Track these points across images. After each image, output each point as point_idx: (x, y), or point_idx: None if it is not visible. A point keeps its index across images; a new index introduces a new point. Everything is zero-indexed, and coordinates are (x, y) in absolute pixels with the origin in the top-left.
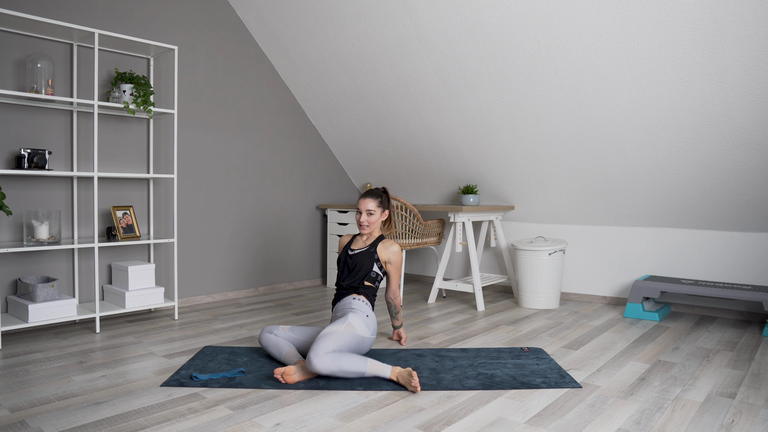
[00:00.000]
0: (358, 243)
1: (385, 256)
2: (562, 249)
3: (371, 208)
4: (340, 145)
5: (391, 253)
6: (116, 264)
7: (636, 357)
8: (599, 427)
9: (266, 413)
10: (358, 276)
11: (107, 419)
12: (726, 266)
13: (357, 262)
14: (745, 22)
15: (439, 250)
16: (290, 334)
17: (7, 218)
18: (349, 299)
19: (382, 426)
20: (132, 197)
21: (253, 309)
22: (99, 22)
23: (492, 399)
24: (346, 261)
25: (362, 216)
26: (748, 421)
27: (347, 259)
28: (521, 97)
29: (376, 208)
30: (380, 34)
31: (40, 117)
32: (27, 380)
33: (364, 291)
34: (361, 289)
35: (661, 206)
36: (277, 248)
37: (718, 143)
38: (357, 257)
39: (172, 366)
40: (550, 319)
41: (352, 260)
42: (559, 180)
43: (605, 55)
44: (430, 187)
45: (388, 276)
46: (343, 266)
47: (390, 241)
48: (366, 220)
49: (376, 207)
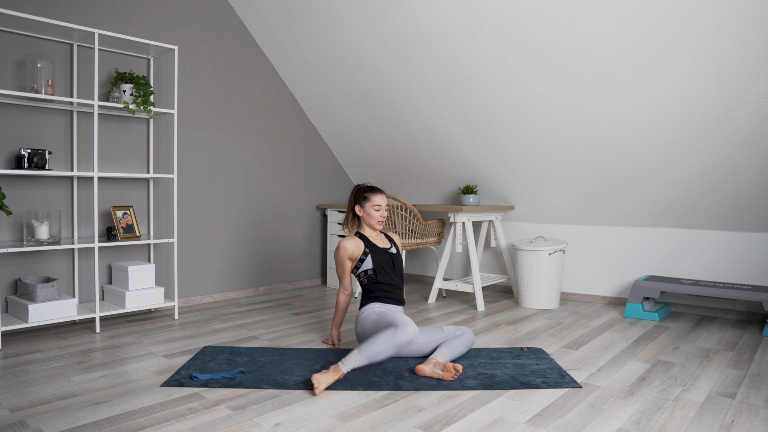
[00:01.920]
0: (379, 241)
1: (399, 246)
2: (562, 249)
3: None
4: (340, 145)
5: (400, 243)
6: (116, 264)
7: (636, 357)
8: (599, 427)
9: (266, 413)
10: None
11: (107, 419)
12: (726, 266)
13: (399, 260)
14: (745, 22)
15: (439, 250)
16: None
17: (7, 218)
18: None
19: (382, 426)
20: (132, 197)
21: (253, 309)
22: (99, 22)
23: (492, 399)
24: (393, 262)
25: (382, 211)
26: (748, 421)
27: (393, 260)
28: (521, 97)
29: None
30: (380, 34)
31: (40, 117)
32: (27, 380)
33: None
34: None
35: (661, 206)
36: (277, 248)
37: (718, 143)
38: (398, 257)
39: (172, 366)
40: (550, 319)
41: (398, 260)
42: (559, 180)
43: (605, 55)
44: (430, 187)
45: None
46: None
47: (392, 232)
48: (384, 215)
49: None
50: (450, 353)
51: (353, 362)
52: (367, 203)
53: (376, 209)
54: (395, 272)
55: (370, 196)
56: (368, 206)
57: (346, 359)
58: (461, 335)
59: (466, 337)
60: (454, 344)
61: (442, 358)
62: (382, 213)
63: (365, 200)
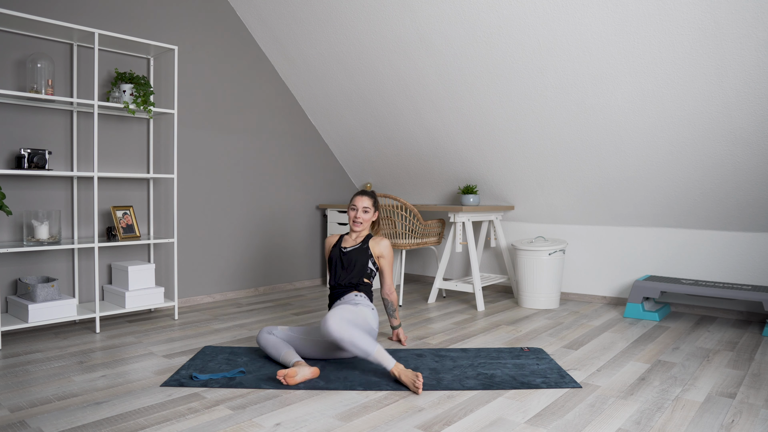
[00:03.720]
0: (348, 241)
1: (377, 250)
2: (562, 249)
3: (367, 205)
4: (340, 145)
5: (383, 247)
6: (116, 264)
7: (636, 357)
8: (599, 427)
9: (266, 413)
10: (355, 272)
11: (107, 419)
12: (726, 266)
13: (351, 258)
14: (745, 22)
15: (439, 250)
16: (289, 333)
17: (7, 218)
18: (351, 296)
19: (382, 426)
20: (132, 197)
21: (253, 309)
22: (99, 22)
23: (492, 399)
24: (340, 258)
25: (357, 212)
26: (748, 421)
27: (341, 257)
28: (521, 97)
29: (371, 206)
30: (380, 34)
31: (40, 117)
32: (27, 380)
33: (364, 288)
34: (361, 287)
35: (661, 206)
36: (277, 248)
37: (718, 143)
38: (351, 254)
39: (172, 366)
40: (550, 319)
41: (346, 257)
42: (559, 180)
43: (605, 55)
44: (430, 187)
45: (381, 272)
46: (337, 264)
47: (380, 237)
48: (361, 217)
49: (371, 206)
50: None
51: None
52: (349, 204)
53: (351, 209)
54: (344, 270)
55: (352, 198)
56: (348, 207)
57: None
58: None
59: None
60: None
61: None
62: (356, 213)
63: (349, 203)
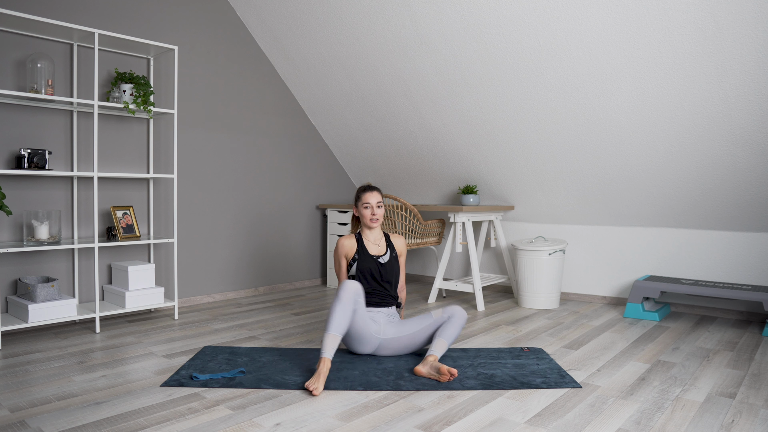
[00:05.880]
0: (373, 247)
1: (399, 249)
2: (562, 249)
3: (380, 199)
4: (340, 145)
5: (403, 245)
6: (116, 264)
7: (636, 357)
8: (599, 427)
9: (266, 413)
10: (393, 283)
11: (107, 419)
12: (726, 266)
13: (388, 270)
14: (745, 22)
15: (439, 250)
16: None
17: (7, 218)
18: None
19: (382, 426)
20: (132, 197)
21: (253, 309)
22: (99, 22)
23: (492, 399)
24: (379, 271)
25: (373, 209)
26: (748, 421)
27: (380, 269)
28: (521, 97)
29: (381, 199)
30: (380, 34)
31: (40, 117)
32: (27, 380)
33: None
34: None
35: (661, 206)
36: (277, 248)
37: (718, 143)
38: (388, 266)
39: (172, 366)
40: (550, 319)
41: (385, 269)
42: (559, 180)
43: (605, 55)
44: (430, 187)
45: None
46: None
47: (395, 235)
48: (378, 213)
49: (381, 198)
50: (446, 341)
51: (328, 344)
52: (359, 203)
53: (365, 207)
54: (380, 281)
55: (361, 195)
56: (360, 206)
57: (323, 347)
58: (451, 317)
59: (456, 317)
60: (448, 330)
61: (439, 351)
62: (372, 211)
63: (357, 200)
